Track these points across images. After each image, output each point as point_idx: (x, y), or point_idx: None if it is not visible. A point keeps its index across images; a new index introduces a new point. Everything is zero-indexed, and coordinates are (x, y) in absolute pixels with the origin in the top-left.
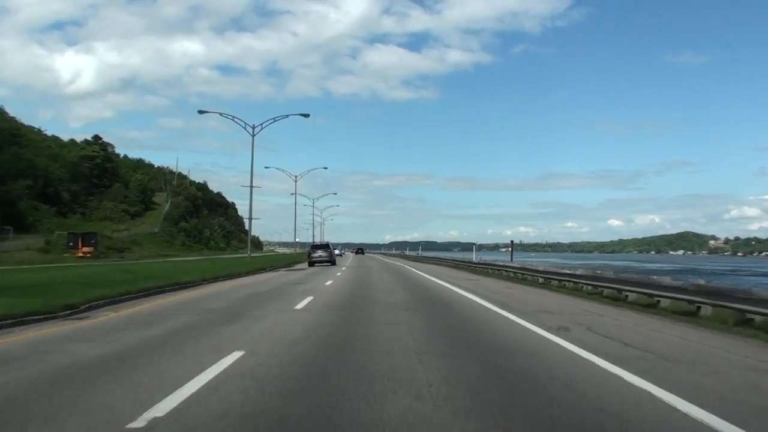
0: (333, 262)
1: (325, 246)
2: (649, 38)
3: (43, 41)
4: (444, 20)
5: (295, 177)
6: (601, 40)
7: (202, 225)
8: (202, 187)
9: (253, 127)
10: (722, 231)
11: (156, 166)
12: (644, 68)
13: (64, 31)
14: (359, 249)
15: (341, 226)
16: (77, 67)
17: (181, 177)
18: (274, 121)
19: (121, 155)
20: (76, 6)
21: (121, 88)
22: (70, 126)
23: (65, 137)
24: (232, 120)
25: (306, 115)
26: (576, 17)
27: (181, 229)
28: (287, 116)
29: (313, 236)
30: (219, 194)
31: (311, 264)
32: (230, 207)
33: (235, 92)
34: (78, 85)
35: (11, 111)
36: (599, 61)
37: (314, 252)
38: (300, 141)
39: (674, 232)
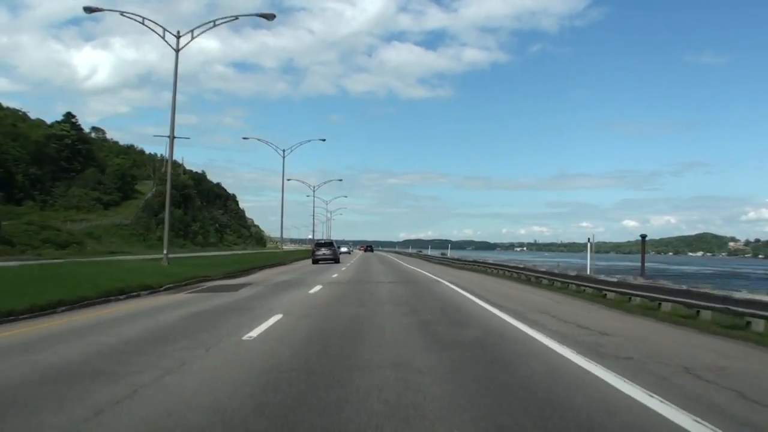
0: (337, 260)
1: (329, 244)
2: (669, 38)
3: (60, 37)
4: (461, 18)
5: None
6: (619, 40)
7: (192, 217)
8: (199, 177)
9: (178, 37)
10: (739, 233)
11: (148, 153)
12: (663, 68)
13: (82, 26)
14: (368, 246)
15: (354, 224)
16: (94, 63)
17: (175, 165)
18: (214, 25)
19: (111, 140)
20: (94, 1)
21: (137, 84)
22: (86, 121)
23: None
24: (142, 23)
25: (269, 17)
26: (594, 16)
27: (161, 221)
28: (236, 17)
29: (311, 232)
30: (218, 185)
31: (315, 262)
32: (230, 199)
33: (250, 89)
34: (94, 81)
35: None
36: (617, 61)
37: (318, 250)
38: (314, 138)
39: (692, 233)
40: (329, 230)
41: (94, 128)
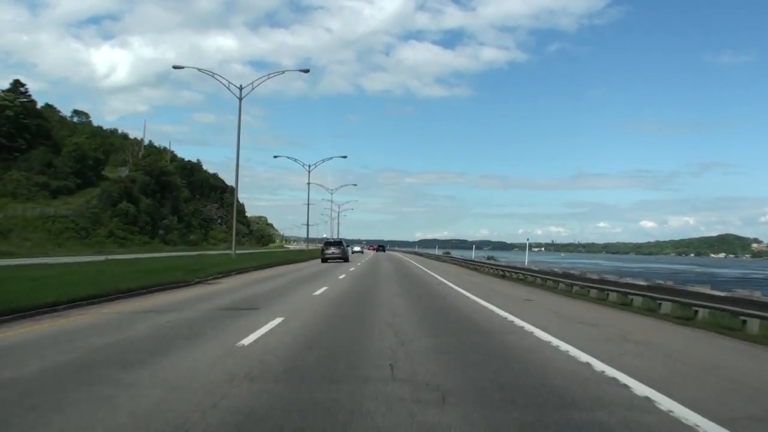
0: (346, 259)
1: (338, 243)
2: (688, 37)
3: (79, 35)
4: (479, 17)
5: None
6: (638, 39)
7: (171, 209)
8: (191, 167)
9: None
10: (760, 234)
11: (132, 137)
12: (682, 68)
13: (101, 25)
14: (379, 246)
15: (371, 223)
16: (113, 62)
17: (161, 151)
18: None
19: (75, 119)
20: (113, 1)
21: (155, 83)
22: (105, 119)
23: None
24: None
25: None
26: (613, 15)
27: (118, 213)
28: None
29: (327, 231)
30: (215, 176)
31: (324, 260)
32: (227, 191)
33: (268, 88)
34: (113, 79)
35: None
36: (636, 60)
37: (327, 249)
38: (331, 137)
39: (712, 234)
40: (337, 228)
41: (49, 105)
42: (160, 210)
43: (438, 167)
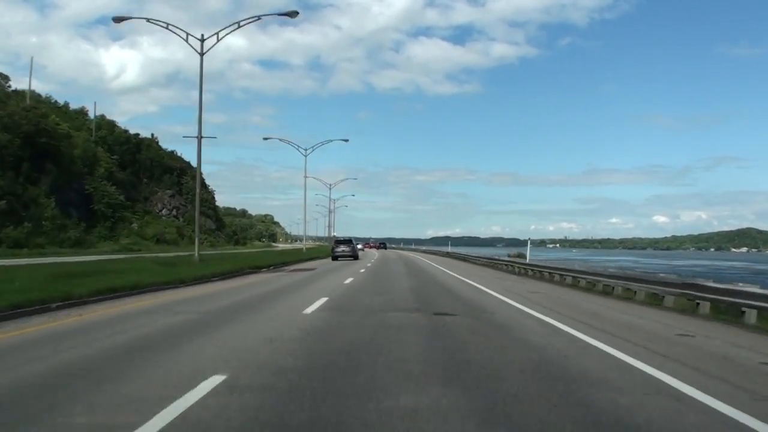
0: (356, 257)
1: (348, 241)
2: (701, 29)
3: (88, 36)
4: (489, 12)
5: (305, 150)
6: (650, 32)
7: (53, 188)
8: (137, 141)
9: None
10: None
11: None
12: (695, 60)
13: (110, 26)
14: (381, 243)
15: (382, 221)
16: (122, 62)
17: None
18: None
19: None
20: (122, 0)
21: (165, 83)
22: (115, 120)
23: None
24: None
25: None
26: (625, 8)
27: None
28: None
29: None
30: (172, 154)
31: (334, 258)
32: (187, 174)
33: (278, 87)
34: (123, 80)
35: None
36: (648, 54)
37: (337, 247)
38: (341, 135)
39: (726, 228)
40: (333, 224)
41: None
42: (25, 189)
43: (449, 165)
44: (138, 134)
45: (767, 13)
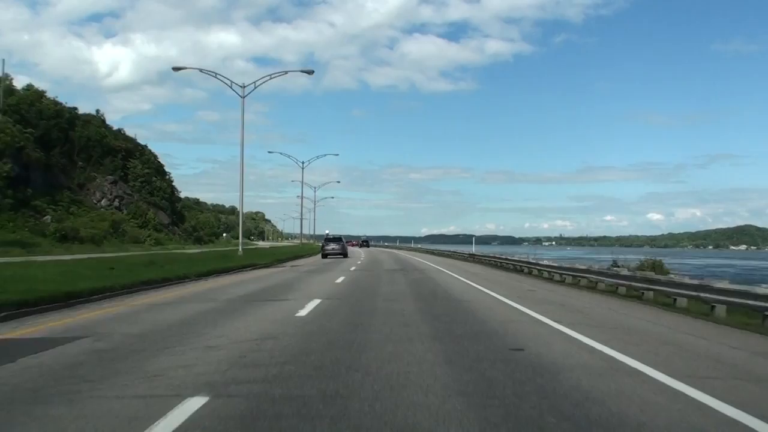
0: (345, 255)
1: (338, 239)
2: (696, 26)
3: (81, 33)
4: (483, 9)
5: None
6: (645, 29)
7: None
8: (73, 117)
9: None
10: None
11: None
12: (690, 57)
13: (102, 23)
14: (363, 241)
15: (376, 219)
16: (115, 60)
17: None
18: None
19: None
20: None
21: (158, 81)
22: (108, 118)
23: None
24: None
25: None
26: (620, 5)
27: None
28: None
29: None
30: (118, 132)
31: (324, 256)
32: (135, 157)
33: (272, 84)
34: (115, 78)
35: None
36: (643, 51)
37: (327, 245)
38: (335, 133)
39: (722, 225)
40: (314, 221)
41: None
42: None
43: (443, 163)
44: (76, 108)
45: (762, 11)
